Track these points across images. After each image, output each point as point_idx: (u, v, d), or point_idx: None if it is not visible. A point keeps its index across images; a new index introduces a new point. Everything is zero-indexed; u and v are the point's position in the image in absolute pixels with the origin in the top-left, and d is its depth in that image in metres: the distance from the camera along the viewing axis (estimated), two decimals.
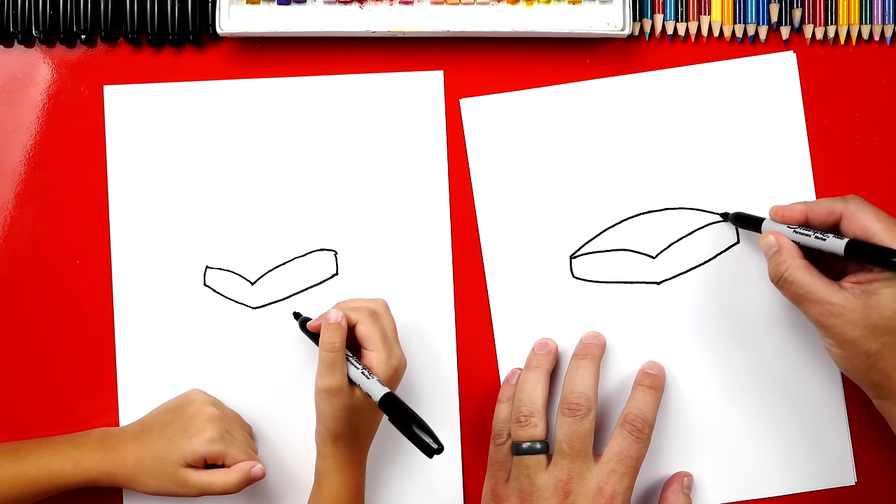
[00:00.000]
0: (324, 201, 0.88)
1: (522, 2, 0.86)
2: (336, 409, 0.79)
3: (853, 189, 0.87)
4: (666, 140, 0.87)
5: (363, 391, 0.78)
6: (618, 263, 0.87)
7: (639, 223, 0.87)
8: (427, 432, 0.74)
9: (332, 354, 0.78)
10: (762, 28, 0.87)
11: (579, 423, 0.81)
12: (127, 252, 0.87)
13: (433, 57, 0.88)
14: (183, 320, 0.88)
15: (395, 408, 0.76)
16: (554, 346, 0.86)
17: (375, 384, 0.78)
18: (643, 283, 0.87)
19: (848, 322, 0.76)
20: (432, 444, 0.74)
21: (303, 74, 0.87)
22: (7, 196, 0.87)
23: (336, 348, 0.78)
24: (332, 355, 0.78)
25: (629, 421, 0.82)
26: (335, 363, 0.78)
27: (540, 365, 0.84)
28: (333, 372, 0.78)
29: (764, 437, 0.87)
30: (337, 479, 0.81)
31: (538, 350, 0.86)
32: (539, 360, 0.85)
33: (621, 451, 0.81)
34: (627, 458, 0.81)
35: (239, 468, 0.82)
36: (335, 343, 0.78)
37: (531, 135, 0.87)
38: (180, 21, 0.86)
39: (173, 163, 0.88)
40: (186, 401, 0.85)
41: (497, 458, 0.84)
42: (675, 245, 0.87)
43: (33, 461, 0.82)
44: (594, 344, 0.85)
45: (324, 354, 0.78)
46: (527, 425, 0.82)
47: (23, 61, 0.87)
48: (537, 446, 0.82)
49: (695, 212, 0.87)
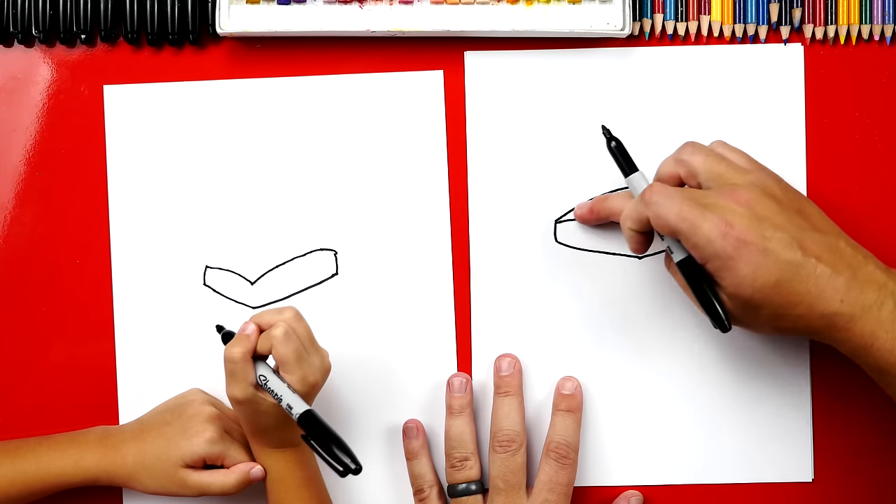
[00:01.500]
0: (324, 201, 0.88)
1: (522, 1, 0.86)
2: (245, 413, 0.79)
3: (853, 189, 0.87)
4: (665, 116, 0.87)
5: (276, 401, 0.77)
6: (602, 233, 0.87)
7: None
8: (345, 451, 0.74)
9: (231, 366, 0.77)
10: (762, 28, 0.87)
11: (511, 458, 0.83)
12: (127, 252, 0.87)
13: (433, 57, 0.88)
14: (183, 320, 0.88)
15: (313, 426, 0.76)
16: (469, 382, 0.86)
17: (297, 400, 0.77)
18: (624, 255, 0.87)
19: None
20: (350, 464, 0.74)
21: (303, 74, 0.87)
22: (7, 196, 0.87)
23: (235, 360, 0.77)
24: (232, 366, 0.77)
25: (552, 449, 0.83)
26: (235, 374, 0.78)
27: (463, 409, 0.85)
28: (235, 383, 0.78)
29: (724, 424, 0.87)
30: (269, 461, 0.81)
31: (457, 392, 0.85)
32: (460, 402, 0.85)
33: (550, 479, 0.83)
34: (557, 486, 0.83)
35: (238, 469, 0.82)
36: (234, 355, 0.77)
37: (532, 97, 0.87)
38: (180, 21, 0.86)
39: (173, 163, 0.88)
40: (186, 401, 0.85)
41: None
42: None
43: (32, 459, 0.82)
44: (512, 375, 0.85)
45: (226, 366, 0.78)
46: (462, 468, 0.83)
47: (23, 61, 0.87)
48: (472, 487, 0.84)
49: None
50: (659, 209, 0.75)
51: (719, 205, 0.74)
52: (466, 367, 0.88)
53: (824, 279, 0.73)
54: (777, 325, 0.75)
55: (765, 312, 0.74)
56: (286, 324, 0.78)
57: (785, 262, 0.73)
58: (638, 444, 0.88)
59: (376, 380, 0.88)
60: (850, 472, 0.88)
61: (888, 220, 0.88)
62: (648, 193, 0.76)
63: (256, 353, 0.78)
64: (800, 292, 0.73)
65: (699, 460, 0.88)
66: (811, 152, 0.87)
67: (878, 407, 0.86)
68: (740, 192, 0.75)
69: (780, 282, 0.73)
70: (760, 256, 0.73)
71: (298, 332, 0.79)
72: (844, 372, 0.85)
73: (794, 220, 0.75)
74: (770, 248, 0.73)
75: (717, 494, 0.88)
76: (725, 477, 0.88)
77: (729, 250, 0.73)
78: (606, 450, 0.88)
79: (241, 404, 0.79)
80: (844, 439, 0.88)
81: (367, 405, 0.88)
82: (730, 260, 0.73)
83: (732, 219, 0.73)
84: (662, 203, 0.75)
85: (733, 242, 0.73)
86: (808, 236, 0.74)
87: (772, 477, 0.88)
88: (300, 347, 0.78)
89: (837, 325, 0.74)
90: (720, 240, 0.73)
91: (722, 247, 0.73)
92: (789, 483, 0.88)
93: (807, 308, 0.73)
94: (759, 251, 0.73)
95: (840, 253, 0.75)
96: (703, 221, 0.73)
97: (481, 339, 0.87)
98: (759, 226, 0.73)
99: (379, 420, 0.88)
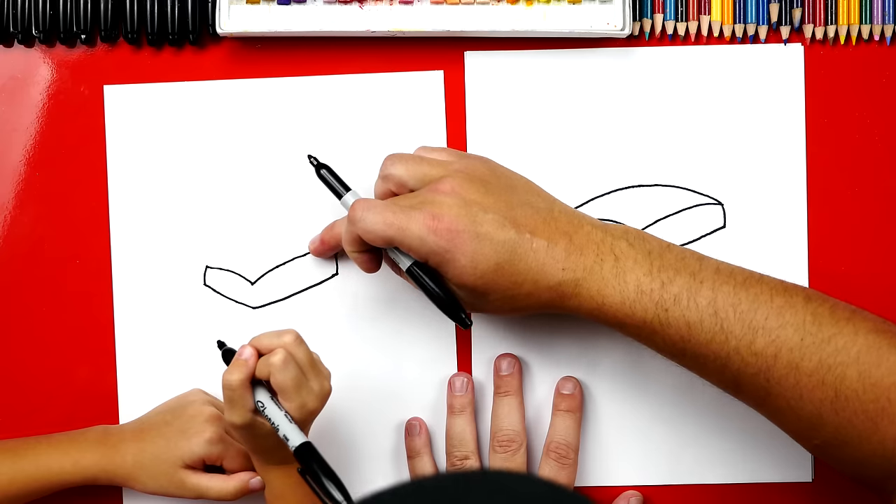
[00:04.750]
0: (324, 201, 0.88)
1: (522, 1, 0.86)
2: (244, 437, 0.77)
3: (853, 188, 0.87)
4: (665, 117, 0.87)
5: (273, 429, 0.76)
6: None
7: (629, 196, 0.87)
8: (339, 488, 0.73)
9: (229, 392, 0.75)
10: (762, 28, 0.87)
11: (511, 458, 0.83)
12: (127, 252, 0.87)
13: (433, 57, 0.88)
14: (183, 320, 0.88)
15: (308, 460, 0.74)
16: (471, 382, 0.86)
17: (294, 431, 0.75)
18: None
19: None
20: (342, 502, 0.73)
21: (303, 74, 0.87)
22: (7, 196, 0.87)
23: (233, 387, 0.75)
24: (230, 393, 0.75)
25: (553, 449, 0.83)
26: (233, 401, 0.75)
27: (464, 408, 0.85)
28: (234, 409, 0.75)
29: (724, 424, 0.87)
30: (270, 477, 0.80)
31: (458, 391, 0.85)
32: (461, 402, 0.85)
33: (550, 479, 0.82)
34: None
35: (238, 478, 0.82)
36: (232, 382, 0.75)
37: (532, 96, 0.87)
38: (180, 21, 0.86)
39: (173, 163, 0.88)
40: (186, 401, 0.85)
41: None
42: (660, 222, 0.87)
43: (32, 458, 0.82)
44: (512, 375, 0.85)
45: (223, 392, 0.76)
46: (462, 468, 0.83)
47: (23, 61, 0.87)
48: None
49: (685, 192, 0.87)
50: (365, 224, 0.75)
51: (426, 201, 0.74)
52: (466, 367, 0.88)
53: (542, 252, 0.74)
54: (513, 306, 0.76)
55: (494, 297, 0.75)
56: (285, 350, 0.75)
57: (500, 242, 0.73)
58: (638, 444, 0.88)
59: (376, 380, 0.88)
60: None
61: (888, 220, 0.87)
62: (352, 212, 0.76)
63: (255, 378, 0.76)
64: (521, 270, 0.74)
65: (699, 460, 0.88)
66: (811, 152, 0.87)
67: None
68: (444, 182, 0.75)
69: (500, 264, 0.73)
70: (475, 242, 0.73)
71: (298, 356, 0.76)
72: None
73: (504, 198, 0.75)
74: (482, 232, 0.73)
75: (716, 494, 0.88)
76: (725, 477, 0.88)
77: (443, 243, 0.73)
78: (606, 450, 0.87)
79: (240, 429, 0.77)
80: None
81: (366, 405, 0.88)
82: (447, 253, 0.73)
83: (439, 211, 0.73)
84: (367, 217, 0.75)
85: (445, 234, 0.73)
86: (520, 212, 0.75)
87: (771, 477, 0.88)
88: (299, 375, 0.75)
89: (566, 293, 0.74)
90: (431, 235, 0.73)
91: (435, 242, 0.73)
92: (789, 483, 0.88)
93: (532, 284, 0.74)
94: (473, 237, 0.73)
95: (555, 222, 0.75)
96: (409, 222, 0.73)
97: (481, 338, 0.87)
98: (468, 212, 0.74)
99: (377, 419, 0.88)
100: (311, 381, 0.77)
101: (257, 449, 0.79)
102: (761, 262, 0.86)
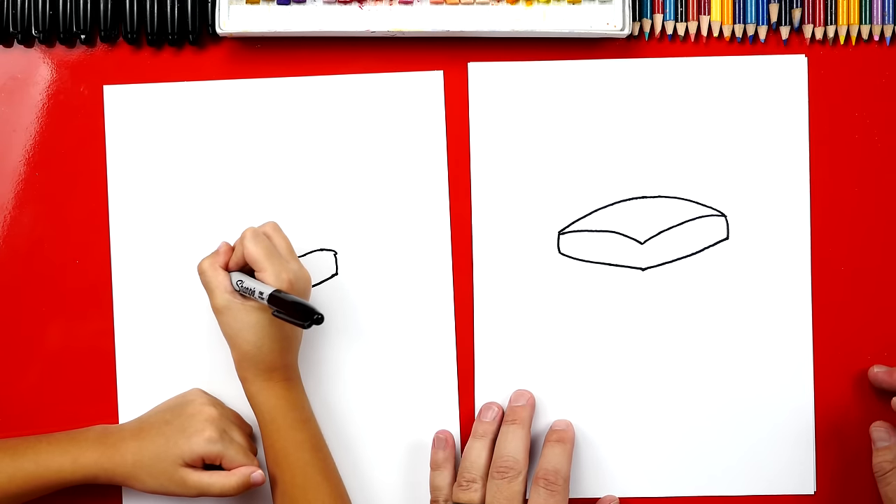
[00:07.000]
0: (324, 201, 0.88)
1: (522, 2, 0.86)
2: (227, 326, 0.81)
3: (853, 188, 0.87)
4: (668, 128, 0.87)
5: (255, 300, 0.79)
6: (605, 245, 0.87)
7: (632, 207, 0.87)
8: (308, 308, 0.75)
9: (202, 277, 0.82)
10: (762, 28, 0.87)
11: (508, 484, 0.83)
12: (127, 252, 0.88)
13: (433, 57, 0.88)
14: (183, 320, 0.88)
15: (281, 302, 0.77)
16: (500, 411, 0.87)
17: (265, 286, 0.79)
18: (628, 267, 0.87)
19: None
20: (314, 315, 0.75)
21: (303, 74, 0.88)
22: (7, 196, 0.87)
23: (203, 269, 0.82)
24: (202, 277, 0.82)
25: (542, 476, 0.84)
26: (209, 284, 0.82)
27: (486, 434, 0.86)
28: (211, 292, 0.82)
29: (726, 437, 0.87)
30: (260, 399, 0.82)
31: (484, 418, 0.87)
32: (485, 428, 0.86)
33: None
34: None
35: (240, 472, 0.82)
36: (202, 266, 0.82)
37: (535, 107, 0.87)
38: (180, 21, 0.86)
39: (173, 163, 0.88)
40: (186, 400, 0.85)
41: None
42: (664, 233, 0.87)
43: (32, 457, 0.82)
44: (523, 407, 0.86)
45: (200, 279, 0.82)
46: (468, 490, 0.84)
47: (23, 61, 0.87)
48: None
49: (688, 203, 0.87)
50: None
51: None
52: (467, 368, 0.88)
53: None
54: None
55: None
56: (255, 228, 0.82)
57: None
58: (639, 456, 0.87)
59: (375, 379, 0.88)
60: (852, 486, 0.88)
61: (888, 219, 0.87)
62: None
63: (234, 268, 0.82)
64: None
65: (701, 473, 0.87)
66: (813, 151, 0.87)
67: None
68: None
69: None
70: None
71: (274, 239, 0.82)
72: (847, 385, 0.85)
73: None
74: None
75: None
76: (727, 489, 0.87)
77: None
78: (606, 462, 0.88)
79: (222, 314, 0.81)
80: (846, 452, 0.87)
81: (364, 404, 0.88)
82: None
83: None
84: None
85: None
86: None
87: (774, 489, 0.87)
88: (270, 247, 0.81)
89: None
90: None
91: None
92: (791, 496, 0.87)
93: None
94: None
95: None
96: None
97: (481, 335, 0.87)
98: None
99: (376, 419, 0.88)
100: (290, 261, 0.81)
101: (242, 353, 0.81)
102: (764, 274, 0.87)
